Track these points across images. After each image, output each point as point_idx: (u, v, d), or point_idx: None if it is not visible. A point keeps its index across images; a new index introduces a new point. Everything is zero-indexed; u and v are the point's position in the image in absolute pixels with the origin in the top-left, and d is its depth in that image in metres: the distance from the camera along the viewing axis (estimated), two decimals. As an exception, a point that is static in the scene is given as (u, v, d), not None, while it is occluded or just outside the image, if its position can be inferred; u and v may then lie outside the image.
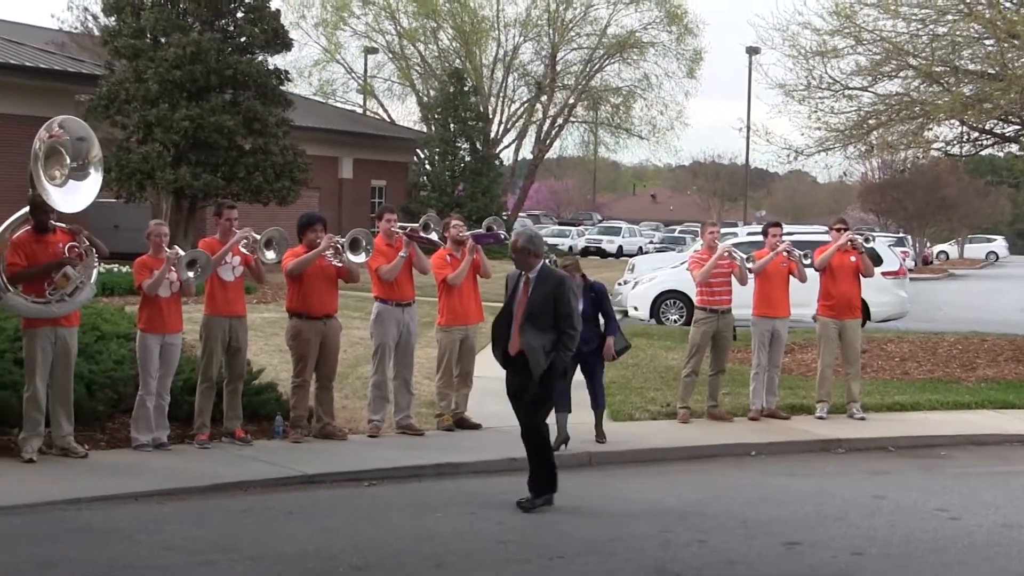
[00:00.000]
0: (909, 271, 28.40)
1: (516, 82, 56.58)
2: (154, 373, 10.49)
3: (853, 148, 20.39)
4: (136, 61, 28.21)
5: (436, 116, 50.64)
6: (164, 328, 10.56)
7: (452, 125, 49.17)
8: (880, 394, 15.13)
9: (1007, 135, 20.19)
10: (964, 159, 25.52)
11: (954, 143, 20.86)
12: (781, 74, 22.44)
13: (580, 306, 11.12)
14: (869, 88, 19.43)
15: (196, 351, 11.42)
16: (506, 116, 56.18)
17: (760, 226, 19.41)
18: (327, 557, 7.71)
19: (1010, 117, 19.14)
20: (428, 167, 49.45)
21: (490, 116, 54.30)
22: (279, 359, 14.07)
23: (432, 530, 8.49)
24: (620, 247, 58.74)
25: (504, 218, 40.21)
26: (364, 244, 11.39)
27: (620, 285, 26.04)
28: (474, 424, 12.03)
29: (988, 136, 20.37)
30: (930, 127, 19.68)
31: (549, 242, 42.55)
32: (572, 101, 56.69)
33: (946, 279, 52.71)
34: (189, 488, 9.43)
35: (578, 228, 65.45)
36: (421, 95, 56.57)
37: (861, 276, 13.84)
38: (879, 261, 19.94)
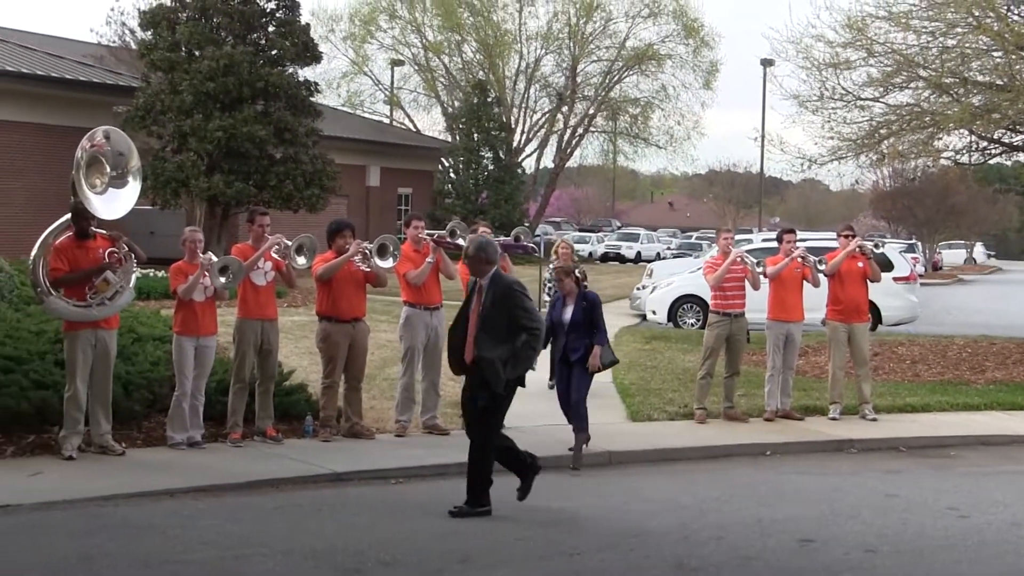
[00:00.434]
0: (919, 276, 28.53)
1: (538, 93, 57.11)
2: (189, 374, 10.60)
3: (865, 157, 20.57)
4: (171, 73, 28.58)
5: (460, 126, 50.94)
6: (199, 331, 10.68)
7: (476, 135, 49.54)
8: (892, 396, 15.24)
9: (1015, 144, 20.33)
10: (973, 167, 25.64)
11: (963, 152, 21.00)
12: (795, 85, 22.57)
13: (569, 313, 11.15)
14: (880, 99, 19.59)
15: (229, 353, 11.46)
16: (528, 126, 56.64)
17: (775, 232, 19.59)
18: (355, 552, 7.76)
19: (1018, 127, 19.27)
20: (453, 175, 49.69)
21: (513, 126, 54.68)
22: (309, 361, 14.16)
23: (456, 527, 8.56)
24: (638, 253, 58.76)
25: (526, 225, 40.38)
26: (391, 250, 11.50)
27: (639, 290, 26.31)
28: (497, 425, 12.22)
29: (996, 145, 20.49)
30: (940, 137, 19.84)
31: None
32: (592, 112, 57.01)
33: (955, 284, 52.51)
34: (222, 485, 9.52)
35: (598, 235, 65.35)
36: (446, 106, 56.90)
37: (869, 281, 13.97)
38: (889, 267, 20.20)
